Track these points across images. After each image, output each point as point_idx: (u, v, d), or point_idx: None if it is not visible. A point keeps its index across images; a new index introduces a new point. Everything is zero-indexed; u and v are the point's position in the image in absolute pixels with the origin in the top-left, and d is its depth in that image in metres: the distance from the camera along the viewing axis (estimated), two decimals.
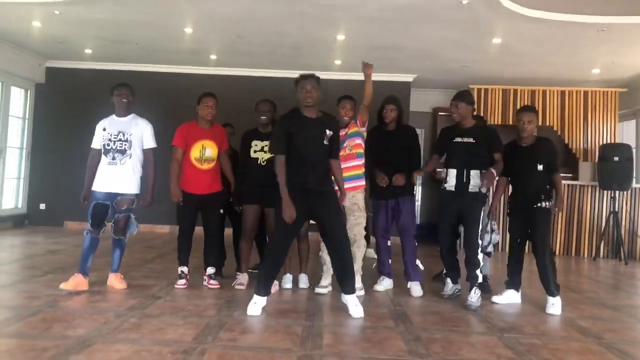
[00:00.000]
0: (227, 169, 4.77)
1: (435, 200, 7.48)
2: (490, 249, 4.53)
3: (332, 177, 4.09)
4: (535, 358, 3.16)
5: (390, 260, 4.84)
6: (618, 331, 3.89)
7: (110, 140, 4.42)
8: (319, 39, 6.91)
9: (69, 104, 8.94)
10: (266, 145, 4.63)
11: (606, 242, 7.96)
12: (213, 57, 8.15)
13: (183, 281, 4.63)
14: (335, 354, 3.08)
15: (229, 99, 8.70)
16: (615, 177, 7.64)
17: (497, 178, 4.36)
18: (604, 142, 8.28)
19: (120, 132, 4.44)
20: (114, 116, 4.51)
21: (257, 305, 3.84)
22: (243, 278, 4.73)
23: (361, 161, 4.60)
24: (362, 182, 4.60)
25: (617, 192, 7.80)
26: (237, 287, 4.65)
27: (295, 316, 3.81)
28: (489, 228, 4.53)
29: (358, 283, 4.56)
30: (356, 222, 4.57)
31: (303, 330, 3.50)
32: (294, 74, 4.18)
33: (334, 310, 4.08)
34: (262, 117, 4.69)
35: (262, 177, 4.48)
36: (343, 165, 4.33)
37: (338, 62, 8.04)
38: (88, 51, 8.13)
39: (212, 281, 4.69)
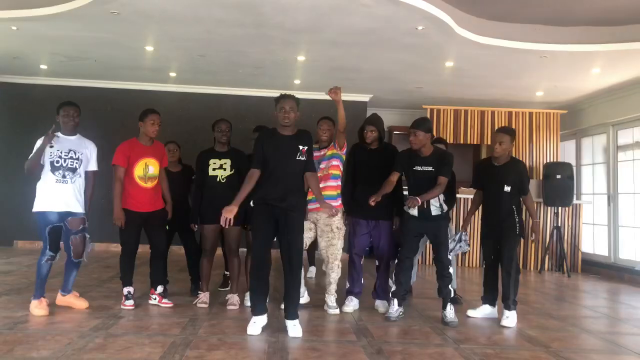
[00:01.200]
0: (165, 187, 4.77)
1: None
2: (452, 255, 4.68)
3: (305, 194, 4.15)
4: None
5: (362, 280, 4.84)
6: (564, 340, 4.16)
7: (60, 157, 4.28)
8: (280, 60, 7.06)
9: (21, 120, 8.69)
10: (225, 163, 4.69)
11: (550, 256, 8.37)
12: (172, 74, 8.16)
13: (131, 302, 4.55)
14: None
15: (188, 116, 8.77)
16: (558, 193, 8.08)
17: (428, 199, 4.36)
18: (548, 161, 8.74)
19: (71, 150, 4.34)
20: (59, 133, 4.36)
21: (256, 324, 3.87)
22: (205, 296, 4.76)
23: (336, 182, 4.67)
24: (338, 203, 4.63)
25: (559, 208, 8.24)
26: (200, 305, 4.68)
27: (265, 333, 3.87)
28: (457, 237, 4.73)
29: (332, 302, 4.67)
30: (330, 244, 4.61)
31: (269, 346, 3.59)
32: (255, 92, 4.31)
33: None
34: (223, 138, 4.76)
35: (220, 195, 4.51)
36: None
37: (297, 81, 8.20)
38: (43, 67, 7.98)
39: (164, 300, 4.65)
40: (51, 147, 4.27)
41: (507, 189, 4.48)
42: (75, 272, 4.48)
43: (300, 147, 3.94)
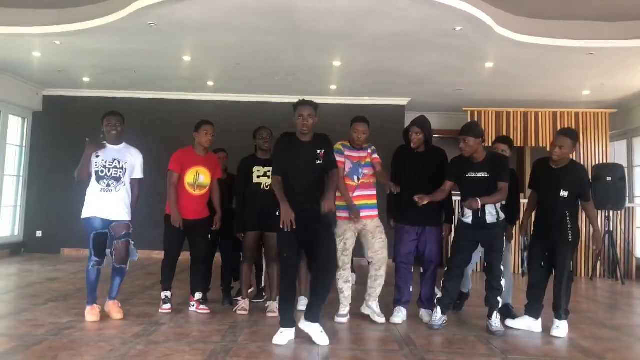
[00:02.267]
0: (216, 198, 4.80)
1: None
2: (525, 268, 4.44)
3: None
4: None
5: (411, 288, 4.62)
6: (618, 351, 3.95)
7: (105, 167, 4.35)
8: (315, 65, 7.04)
9: (65, 132, 8.93)
10: (268, 171, 4.64)
11: (602, 262, 8.01)
12: (210, 83, 8.25)
13: (168, 305, 4.66)
14: None
15: (225, 124, 8.76)
16: (609, 197, 7.71)
17: (492, 203, 4.21)
18: (597, 163, 8.40)
19: (115, 159, 4.40)
20: (105, 143, 4.44)
21: (283, 334, 3.79)
22: (245, 304, 4.75)
23: (374, 191, 4.58)
24: (377, 212, 4.56)
25: (611, 211, 7.88)
26: (239, 312, 4.67)
27: (300, 341, 3.80)
28: (522, 246, 4.49)
29: (377, 309, 4.53)
30: (384, 245, 4.51)
31: (310, 355, 3.53)
32: (290, 99, 4.25)
33: (337, 334, 4.10)
34: (265, 145, 4.77)
35: (264, 202, 4.50)
36: (363, 193, 4.45)
37: (334, 86, 8.17)
38: (86, 79, 8.21)
39: (201, 306, 4.69)
40: (97, 157, 4.36)
41: (564, 194, 4.22)
42: (119, 279, 4.49)
43: (319, 152, 3.95)
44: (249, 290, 5.12)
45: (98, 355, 3.36)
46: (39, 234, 8.95)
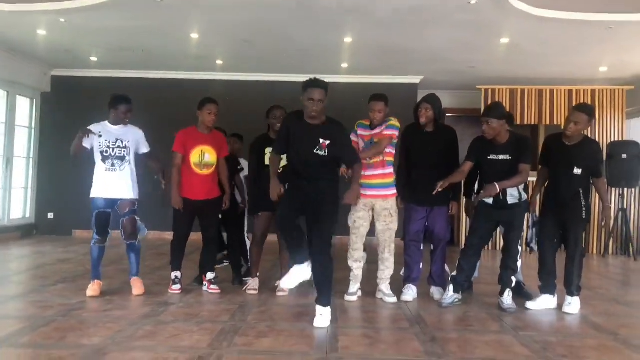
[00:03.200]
0: (224, 177, 4.73)
1: None
2: (533, 244, 4.37)
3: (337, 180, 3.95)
4: (552, 355, 3.14)
5: (421, 265, 4.59)
6: (632, 327, 3.89)
7: (108, 147, 4.43)
8: (327, 43, 6.90)
9: (75, 112, 8.82)
10: None
11: (615, 239, 7.91)
12: (219, 62, 8.15)
13: (178, 286, 4.63)
14: (353, 355, 3.06)
15: (235, 104, 8.72)
16: (624, 174, 7.61)
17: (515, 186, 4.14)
18: (612, 140, 8.23)
19: (117, 139, 4.46)
20: (107, 123, 4.50)
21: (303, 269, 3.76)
22: (254, 282, 4.72)
23: (391, 169, 4.47)
24: (394, 191, 4.45)
25: (625, 189, 7.76)
26: (249, 291, 4.64)
27: (308, 319, 3.75)
28: (530, 223, 4.42)
29: (388, 290, 4.49)
30: (387, 227, 4.42)
31: (318, 333, 3.48)
32: (301, 77, 4.12)
33: (346, 313, 4.07)
34: (279, 124, 4.60)
35: None
36: (376, 172, 4.35)
37: (345, 65, 8.03)
38: (94, 59, 8.14)
39: (212, 286, 4.67)
40: (100, 137, 4.43)
41: (578, 171, 4.11)
42: (134, 255, 4.56)
43: (321, 141, 3.70)
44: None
45: (106, 336, 3.33)
46: (50, 215, 8.96)
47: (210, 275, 4.71)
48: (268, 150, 4.57)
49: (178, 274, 4.68)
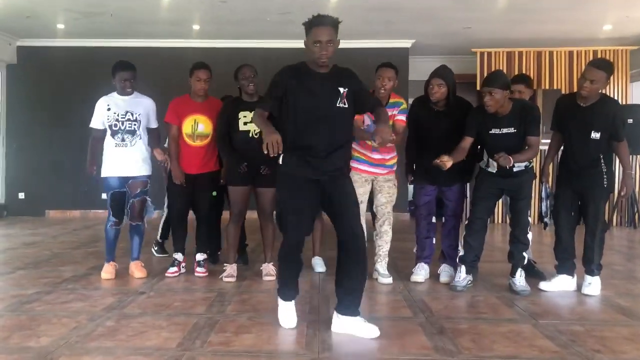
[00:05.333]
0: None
1: None
2: (548, 219, 3.96)
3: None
4: (583, 350, 2.69)
5: (434, 240, 4.19)
6: None
7: (117, 120, 4.09)
8: (310, 3, 6.30)
9: (44, 85, 8.32)
10: None
11: (619, 209, 7.51)
12: (196, 27, 7.53)
13: (174, 269, 4.26)
14: (350, 355, 2.60)
15: (214, 73, 8.15)
16: (629, 140, 7.08)
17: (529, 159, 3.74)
18: None
19: (127, 111, 4.11)
20: (115, 94, 4.17)
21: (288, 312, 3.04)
22: (231, 269, 4.18)
23: (395, 153, 4.15)
24: (395, 168, 4.18)
25: (631, 156, 7.34)
26: (226, 279, 4.10)
27: (298, 311, 3.16)
28: (543, 194, 3.99)
29: (384, 270, 4.08)
30: (390, 199, 4.09)
31: (308, 326, 3.01)
32: (284, 44, 3.57)
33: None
34: (250, 85, 4.11)
35: (253, 152, 3.86)
36: (381, 156, 4.04)
37: None
38: (60, 26, 7.48)
39: (198, 268, 4.27)
40: (108, 109, 4.11)
41: (596, 135, 3.63)
42: (137, 238, 4.25)
43: (341, 90, 2.92)
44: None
45: (57, 335, 2.83)
46: (21, 195, 8.41)
47: (199, 257, 4.31)
48: (242, 114, 4.06)
49: (179, 255, 4.31)
